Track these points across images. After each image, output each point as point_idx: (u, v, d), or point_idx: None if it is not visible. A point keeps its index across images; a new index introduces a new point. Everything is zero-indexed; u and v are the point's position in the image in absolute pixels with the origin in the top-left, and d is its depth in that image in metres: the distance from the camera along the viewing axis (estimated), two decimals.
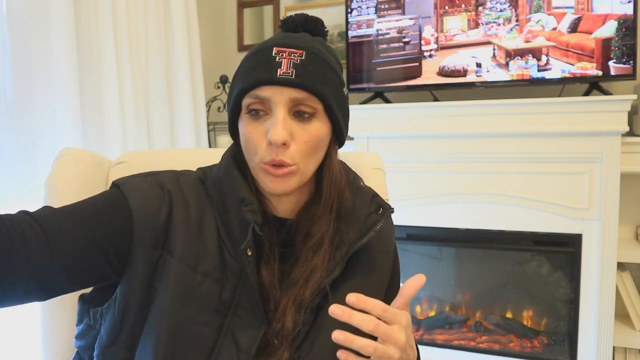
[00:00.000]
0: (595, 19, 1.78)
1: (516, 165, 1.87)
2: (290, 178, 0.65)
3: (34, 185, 1.49)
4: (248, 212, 0.65)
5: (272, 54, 0.63)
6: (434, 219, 1.98)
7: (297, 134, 0.64)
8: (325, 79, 0.64)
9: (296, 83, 0.62)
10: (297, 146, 0.64)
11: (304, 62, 0.63)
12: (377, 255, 0.73)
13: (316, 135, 0.65)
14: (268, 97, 0.63)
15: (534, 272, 2.05)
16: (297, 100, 0.63)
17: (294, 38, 0.66)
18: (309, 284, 0.67)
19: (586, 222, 1.80)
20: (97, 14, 1.74)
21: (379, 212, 0.71)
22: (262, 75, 0.62)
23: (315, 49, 0.65)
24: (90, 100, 1.74)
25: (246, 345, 0.65)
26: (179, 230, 0.66)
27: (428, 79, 2.03)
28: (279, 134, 0.61)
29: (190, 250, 0.66)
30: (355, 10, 2.10)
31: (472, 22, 1.94)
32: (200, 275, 0.65)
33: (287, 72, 0.62)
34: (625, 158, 1.77)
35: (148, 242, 0.65)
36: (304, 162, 0.65)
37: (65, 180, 0.96)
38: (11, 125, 1.48)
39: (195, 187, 0.70)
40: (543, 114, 1.80)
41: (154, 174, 0.71)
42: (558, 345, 1.97)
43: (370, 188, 0.76)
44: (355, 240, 0.69)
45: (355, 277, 0.70)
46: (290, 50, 0.63)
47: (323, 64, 0.65)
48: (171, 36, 2.11)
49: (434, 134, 1.95)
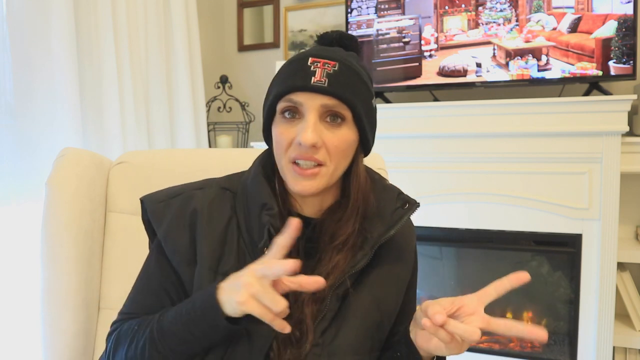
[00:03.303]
0: (595, 19, 1.78)
1: (516, 165, 1.87)
2: (318, 178, 0.69)
3: (34, 185, 1.49)
4: (266, 216, 0.70)
5: (308, 63, 0.68)
6: (434, 219, 1.98)
7: (327, 137, 0.68)
8: (356, 89, 0.68)
9: (328, 90, 0.66)
10: (326, 149, 0.68)
11: (337, 72, 0.67)
12: (402, 251, 0.78)
13: (344, 140, 0.69)
14: (301, 102, 0.67)
15: (534, 272, 2.04)
16: (328, 106, 0.67)
17: (329, 51, 0.70)
18: (330, 278, 0.70)
19: (586, 222, 1.80)
20: (97, 14, 1.74)
21: (405, 207, 0.75)
22: (296, 82, 0.67)
23: (348, 61, 0.69)
24: (90, 100, 1.74)
25: (260, 343, 0.67)
26: (203, 242, 0.71)
27: (428, 79, 2.02)
28: (309, 136, 0.65)
29: (212, 255, 0.71)
30: (355, 10, 2.10)
31: (472, 22, 1.94)
32: (220, 275, 0.69)
33: (320, 80, 0.66)
34: (625, 158, 1.76)
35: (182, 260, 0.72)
36: (333, 164, 0.69)
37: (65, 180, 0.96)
38: (11, 125, 1.48)
39: (218, 198, 0.75)
40: (543, 114, 1.80)
41: (181, 192, 0.76)
42: (558, 345, 1.97)
43: (396, 187, 0.80)
44: (383, 233, 0.72)
45: (380, 269, 0.74)
46: (324, 61, 0.68)
47: (355, 76, 0.69)
48: (171, 36, 2.11)
49: (434, 134, 1.95)
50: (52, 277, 0.93)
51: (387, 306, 0.74)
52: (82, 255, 0.96)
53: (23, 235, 1.46)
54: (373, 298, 0.73)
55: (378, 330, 0.73)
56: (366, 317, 0.71)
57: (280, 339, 0.68)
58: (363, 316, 0.71)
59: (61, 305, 0.92)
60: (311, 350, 0.68)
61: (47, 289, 0.93)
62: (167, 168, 1.05)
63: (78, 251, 0.95)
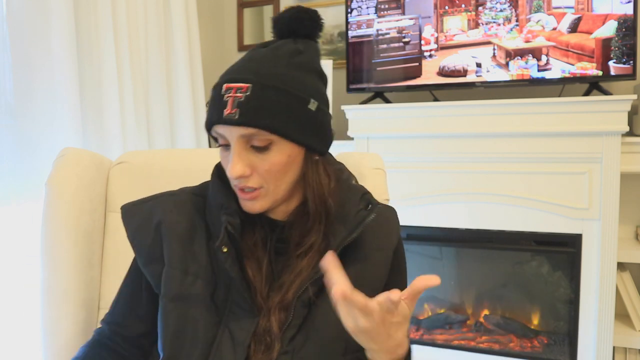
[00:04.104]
0: (595, 19, 1.78)
1: (516, 165, 1.87)
2: (261, 200, 0.69)
3: (34, 185, 1.49)
4: (224, 215, 0.70)
5: (222, 91, 0.66)
6: (434, 219, 1.98)
7: (257, 164, 0.67)
8: (275, 108, 0.65)
9: (239, 122, 0.64)
10: (259, 174, 0.67)
11: (249, 97, 0.64)
12: (371, 251, 0.74)
13: (277, 163, 0.67)
14: (222, 134, 0.67)
15: (534, 272, 2.05)
16: (247, 136, 0.65)
17: (245, 70, 0.67)
18: (293, 286, 0.70)
19: (586, 222, 1.80)
20: (97, 13, 1.74)
21: (367, 208, 0.73)
22: (213, 116, 0.66)
23: (266, 76, 0.66)
24: (90, 100, 1.74)
25: (241, 338, 0.69)
26: (168, 244, 0.73)
27: (428, 79, 2.02)
28: (234, 170, 0.65)
29: (180, 256, 0.72)
30: (355, 10, 2.10)
31: (472, 22, 1.94)
32: (191, 276, 0.72)
33: (231, 113, 0.64)
34: (625, 158, 1.76)
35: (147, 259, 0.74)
36: (272, 185, 0.68)
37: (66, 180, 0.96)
38: (11, 125, 1.48)
39: (186, 203, 0.77)
40: (543, 114, 1.80)
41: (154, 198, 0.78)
42: (558, 345, 1.97)
43: (361, 187, 0.78)
44: (345, 236, 0.71)
45: (349, 270, 0.70)
46: (237, 87, 0.65)
47: (273, 92, 0.65)
48: (171, 36, 2.11)
49: (434, 134, 1.95)
50: (52, 277, 0.93)
51: None
52: (82, 255, 0.96)
53: (23, 235, 1.46)
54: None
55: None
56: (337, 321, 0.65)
57: (257, 339, 0.69)
58: (332, 321, 0.66)
59: (61, 305, 0.93)
60: (279, 358, 0.68)
61: (47, 288, 0.93)
62: (167, 168, 1.05)
63: (78, 251, 0.95)
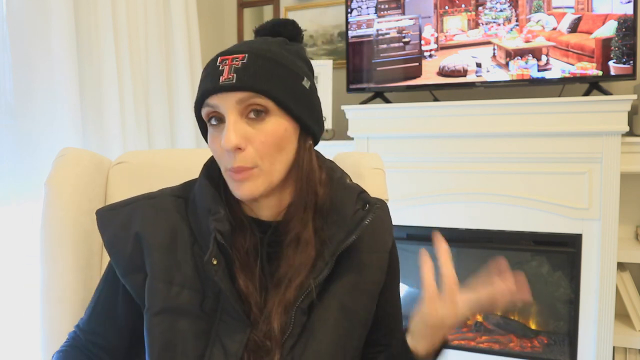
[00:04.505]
0: (595, 19, 1.78)
1: (516, 165, 1.87)
2: (255, 180, 0.65)
3: (34, 185, 1.49)
4: (213, 221, 0.66)
5: (217, 63, 0.64)
6: (434, 219, 1.98)
7: (252, 135, 0.64)
8: (271, 76, 0.64)
9: (237, 86, 0.62)
10: (254, 148, 0.64)
11: (246, 64, 0.63)
12: (368, 255, 0.72)
13: (273, 133, 0.64)
14: (217, 104, 0.64)
15: (534, 272, 2.04)
16: (243, 101, 0.63)
17: (242, 44, 0.67)
18: (293, 284, 0.67)
19: (586, 222, 1.80)
20: (97, 13, 1.74)
21: (365, 208, 0.70)
22: (207, 85, 0.64)
23: (260, 49, 0.65)
24: (90, 100, 1.74)
25: (234, 350, 0.66)
26: (150, 253, 0.69)
27: (428, 79, 2.02)
28: (228, 139, 0.62)
29: (163, 266, 0.68)
30: (355, 10, 2.10)
31: (472, 22, 1.94)
32: (177, 286, 0.68)
33: (228, 78, 0.62)
34: (625, 158, 1.76)
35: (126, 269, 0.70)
36: (267, 162, 0.65)
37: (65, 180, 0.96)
38: (11, 125, 1.48)
39: (166, 206, 0.73)
40: (543, 114, 1.80)
41: (132, 202, 0.75)
42: (558, 345, 1.97)
43: (357, 185, 0.75)
44: (344, 239, 0.68)
45: (345, 276, 0.69)
46: (232, 57, 0.64)
47: (268, 62, 0.64)
48: (171, 36, 2.11)
49: (434, 134, 1.95)
50: (51, 277, 0.93)
51: (356, 314, 0.70)
52: (82, 255, 0.96)
53: (23, 235, 1.46)
54: (340, 307, 0.68)
55: (350, 340, 0.69)
56: (335, 328, 0.67)
57: (251, 350, 0.66)
58: (331, 328, 0.67)
59: (60, 305, 0.93)
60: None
61: (47, 288, 0.93)
62: (167, 168, 1.05)
63: (77, 251, 0.95)
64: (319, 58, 2.48)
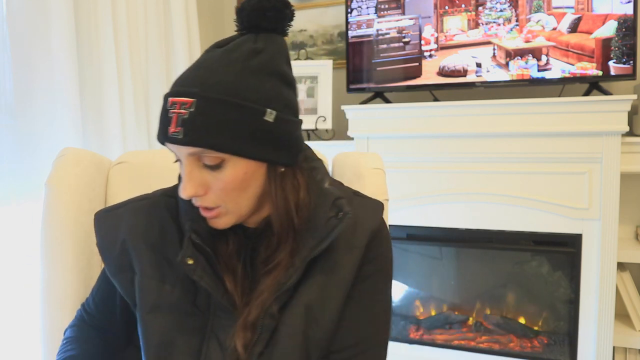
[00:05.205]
0: (595, 19, 1.78)
1: (516, 165, 1.87)
2: (223, 217, 0.65)
3: (34, 185, 1.49)
4: (188, 221, 0.67)
5: (167, 106, 0.61)
6: (434, 219, 1.98)
7: (210, 182, 0.62)
8: (222, 125, 0.59)
9: (183, 142, 0.59)
10: (214, 193, 0.63)
11: (193, 114, 0.58)
12: (340, 254, 0.68)
13: (232, 180, 0.62)
14: (172, 150, 0.63)
15: (534, 272, 2.04)
16: (196, 154, 0.61)
17: (191, 81, 0.60)
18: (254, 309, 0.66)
19: (586, 222, 1.80)
20: (97, 13, 1.74)
21: (338, 216, 0.66)
22: (159, 133, 0.62)
23: (212, 87, 0.59)
24: (90, 100, 1.74)
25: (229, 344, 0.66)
26: (140, 252, 0.70)
27: (428, 79, 2.02)
28: (184, 190, 0.61)
29: (154, 265, 0.69)
30: (355, 10, 2.10)
31: (472, 22, 1.94)
32: (168, 285, 0.69)
33: (175, 132, 0.59)
34: (625, 158, 1.76)
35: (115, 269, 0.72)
36: (230, 203, 0.64)
37: (66, 181, 0.96)
38: (11, 125, 1.47)
39: (155, 206, 0.74)
40: (543, 114, 1.80)
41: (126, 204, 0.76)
42: (558, 345, 1.97)
43: (335, 190, 0.70)
44: (315, 246, 0.65)
45: (315, 278, 0.67)
46: (181, 102, 0.59)
47: (219, 106, 0.59)
48: (171, 36, 2.11)
49: (434, 134, 1.95)
50: (51, 277, 0.93)
51: (323, 316, 0.67)
52: (82, 255, 0.96)
53: (23, 235, 1.46)
54: (307, 309, 0.66)
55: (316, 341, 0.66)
56: (302, 331, 0.65)
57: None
58: (298, 331, 0.65)
59: (61, 305, 0.93)
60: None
61: (47, 288, 0.93)
62: (166, 168, 1.05)
63: (77, 251, 0.95)
64: (319, 58, 2.48)
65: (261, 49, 0.63)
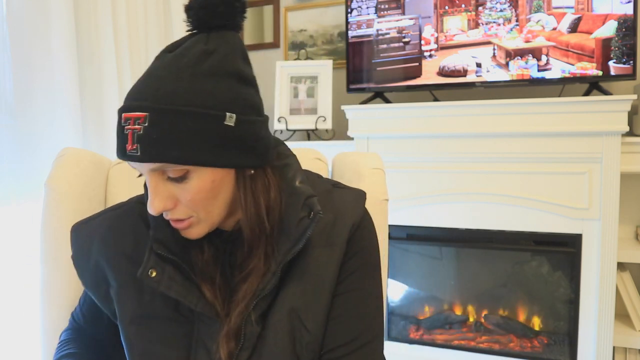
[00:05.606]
0: (595, 19, 1.78)
1: (516, 165, 1.87)
2: (195, 226, 0.63)
3: (34, 185, 1.49)
4: (152, 230, 0.65)
5: (122, 122, 0.57)
6: (434, 219, 1.98)
7: (178, 193, 0.60)
8: (178, 137, 0.56)
9: (143, 160, 0.56)
10: (183, 204, 0.61)
11: (147, 129, 0.55)
12: (319, 252, 0.66)
13: (199, 190, 0.59)
14: (134, 167, 0.60)
15: (534, 272, 2.04)
16: (158, 169, 0.58)
17: (142, 92, 0.57)
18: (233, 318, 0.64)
19: (586, 222, 1.80)
20: (97, 13, 1.74)
21: (310, 216, 0.63)
22: (118, 151, 0.59)
23: (163, 98, 0.56)
24: (90, 100, 1.74)
25: (215, 349, 0.64)
26: (116, 263, 0.69)
27: (428, 79, 2.02)
28: (153, 206, 0.59)
29: (131, 275, 0.66)
30: (355, 10, 2.10)
31: (472, 22, 1.94)
32: (147, 294, 0.67)
33: (132, 149, 0.56)
34: (625, 158, 1.76)
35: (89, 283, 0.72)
36: (202, 212, 0.62)
37: (65, 180, 0.96)
38: (11, 125, 1.47)
39: (128, 214, 0.72)
40: (543, 114, 1.80)
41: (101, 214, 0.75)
42: (558, 345, 1.97)
43: (306, 188, 0.66)
44: (289, 248, 0.63)
45: (295, 281, 0.65)
46: (134, 117, 0.56)
47: (173, 117, 0.56)
48: (171, 36, 2.11)
49: (434, 134, 1.95)
50: (51, 277, 0.93)
51: (308, 317, 0.64)
52: None
53: (23, 235, 1.46)
54: (291, 311, 0.64)
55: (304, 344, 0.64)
56: (288, 335, 0.63)
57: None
58: (284, 336, 0.63)
59: (60, 305, 0.92)
60: None
61: (47, 288, 0.93)
62: None
63: None
64: (319, 58, 2.48)
65: (213, 49, 0.60)
